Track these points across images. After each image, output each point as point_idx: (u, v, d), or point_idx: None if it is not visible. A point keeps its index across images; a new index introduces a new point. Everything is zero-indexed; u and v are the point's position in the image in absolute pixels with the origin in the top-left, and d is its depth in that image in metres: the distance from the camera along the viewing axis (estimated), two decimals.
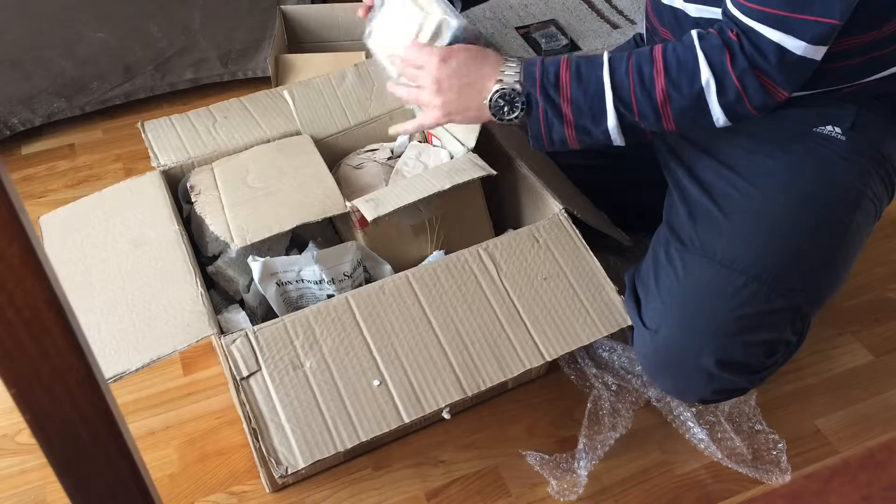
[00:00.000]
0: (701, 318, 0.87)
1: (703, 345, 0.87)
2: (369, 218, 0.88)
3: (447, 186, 0.91)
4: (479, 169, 0.94)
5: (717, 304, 0.87)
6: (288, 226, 0.88)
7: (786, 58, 0.78)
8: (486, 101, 0.85)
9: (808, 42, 0.77)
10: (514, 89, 0.84)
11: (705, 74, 0.80)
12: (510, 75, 0.85)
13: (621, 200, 1.12)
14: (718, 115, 0.83)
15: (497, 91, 0.84)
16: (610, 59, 0.84)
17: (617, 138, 0.86)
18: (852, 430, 1.03)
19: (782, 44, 0.77)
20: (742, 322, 0.86)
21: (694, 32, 0.82)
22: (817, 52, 0.78)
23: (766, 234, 0.88)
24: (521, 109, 0.85)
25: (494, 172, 0.94)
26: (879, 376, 1.10)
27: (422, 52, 0.87)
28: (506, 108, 0.85)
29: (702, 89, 0.81)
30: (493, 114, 0.86)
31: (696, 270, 0.89)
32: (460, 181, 0.92)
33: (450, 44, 0.88)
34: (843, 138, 0.91)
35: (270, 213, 0.90)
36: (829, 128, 0.91)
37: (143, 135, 1.05)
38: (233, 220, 0.90)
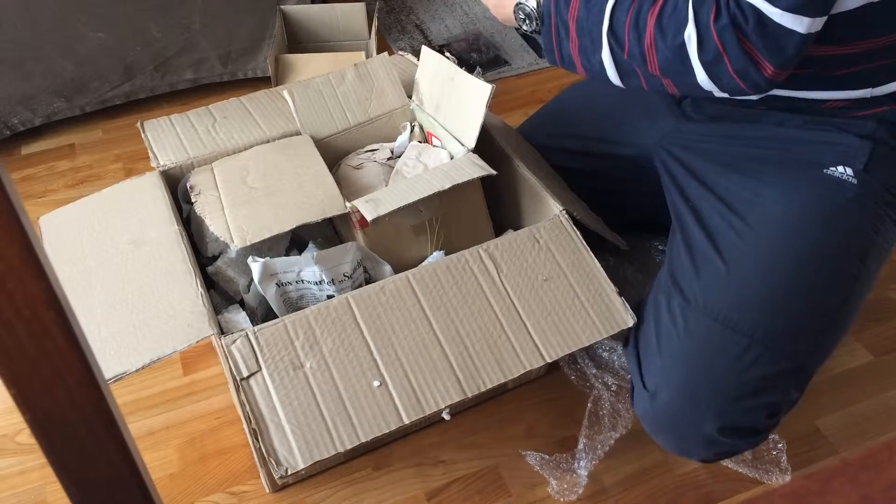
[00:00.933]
0: (703, 384, 0.84)
1: (705, 412, 0.84)
2: (369, 218, 0.88)
3: (447, 186, 0.91)
4: (479, 169, 0.94)
5: (720, 368, 0.83)
6: (288, 226, 0.88)
7: (763, 21, 0.74)
8: (512, 11, 0.94)
9: (783, 9, 0.73)
10: (530, 5, 0.91)
11: (690, 28, 0.77)
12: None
13: (620, 216, 1.11)
14: (701, 75, 0.79)
15: (518, 3, 0.92)
16: None
17: (612, 74, 0.85)
18: (852, 430, 1.03)
19: (759, 7, 0.74)
20: (745, 387, 0.83)
21: None
22: (797, 23, 0.74)
23: (770, 292, 0.84)
24: (537, 23, 0.92)
25: (494, 172, 0.94)
26: (879, 376, 1.10)
27: None
28: (525, 21, 0.93)
29: (683, 42, 0.78)
30: (518, 24, 0.94)
31: (698, 330, 0.85)
32: (460, 181, 0.92)
33: None
34: (855, 181, 0.87)
35: (270, 214, 0.90)
36: (841, 169, 0.88)
37: (142, 135, 1.05)
38: (232, 220, 0.90)
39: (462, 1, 1.95)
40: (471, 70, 1.00)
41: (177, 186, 1.02)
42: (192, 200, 0.95)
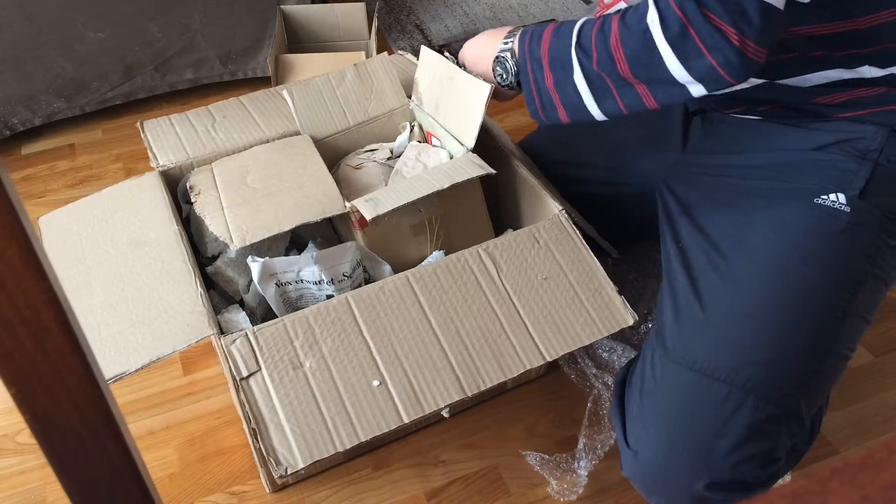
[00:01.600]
0: (685, 439, 0.79)
1: (691, 468, 0.79)
2: (368, 217, 0.88)
3: (446, 185, 0.91)
4: (478, 168, 0.94)
5: (701, 420, 0.79)
6: (287, 226, 0.88)
7: None
8: (489, 68, 0.95)
9: None
10: (506, 58, 0.93)
11: (651, 12, 0.76)
12: (505, 44, 0.93)
13: (621, 225, 1.11)
14: (671, 59, 0.76)
15: (495, 58, 0.94)
16: (588, 15, 0.86)
17: (587, 98, 0.84)
18: (852, 430, 1.03)
19: None
20: (729, 438, 0.77)
21: None
22: None
23: (749, 336, 0.80)
24: (514, 76, 0.92)
25: (494, 171, 0.94)
26: (879, 376, 1.10)
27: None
28: (503, 75, 0.94)
29: (647, 27, 0.76)
30: (497, 81, 0.95)
31: (676, 382, 0.81)
32: (459, 180, 0.92)
33: None
34: (848, 209, 0.83)
35: (270, 214, 0.90)
36: (833, 197, 0.84)
37: (142, 134, 1.05)
38: (232, 220, 0.90)
39: (462, 1, 1.95)
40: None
41: (176, 187, 1.02)
42: (192, 200, 0.95)
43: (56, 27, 1.44)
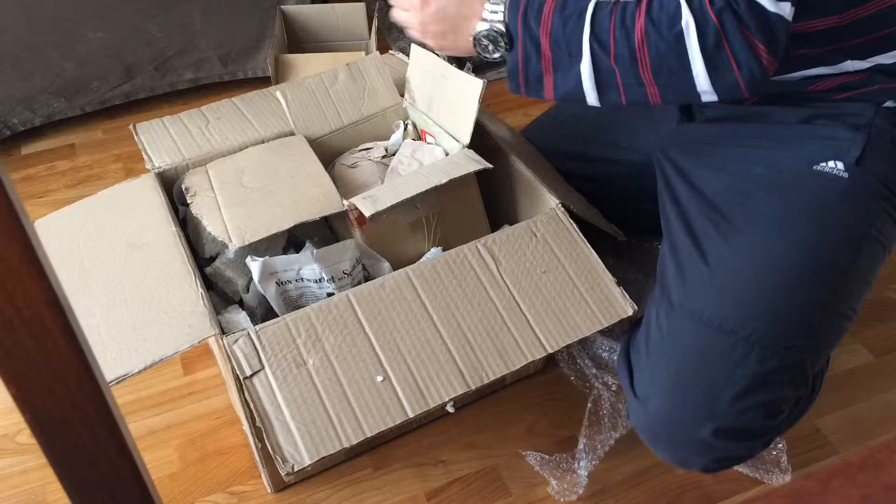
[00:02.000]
0: (693, 387, 0.82)
1: (697, 415, 0.82)
2: (367, 214, 0.88)
3: (444, 181, 0.91)
4: (475, 163, 0.94)
5: (708, 369, 0.81)
6: (286, 225, 0.88)
7: (753, 4, 0.74)
8: (471, 39, 0.87)
9: None
10: (496, 29, 0.86)
11: (686, 15, 0.75)
12: (494, 12, 0.86)
13: (621, 209, 1.11)
14: (698, 67, 0.76)
15: (481, 31, 0.86)
16: None
17: (589, 88, 0.82)
18: (852, 430, 1.03)
19: None
20: (736, 386, 0.80)
21: None
22: (781, 8, 0.73)
23: (754, 289, 0.83)
24: (505, 48, 0.86)
25: (490, 166, 0.94)
26: (879, 376, 1.10)
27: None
28: (490, 47, 0.87)
29: (681, 31, 0.76)
30: (478, 52, 0.88)
31: (684, 334, 0.84)
32: (457, 175, 0.92)
33: None
34: (846, 175, 0.85)
35: (268, 213, 0.90)
36: (832, 164, 0.86)
37: (135, 137, 1.05)
38: (230, 220, 0.90)
39: None
40: (461, 66, 0.99)
41: (172, 188, 1.02)
42: (188, 202, 0.95)
43: (56, 27, 1.44)
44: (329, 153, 1.07)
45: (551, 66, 0.84)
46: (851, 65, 0.86)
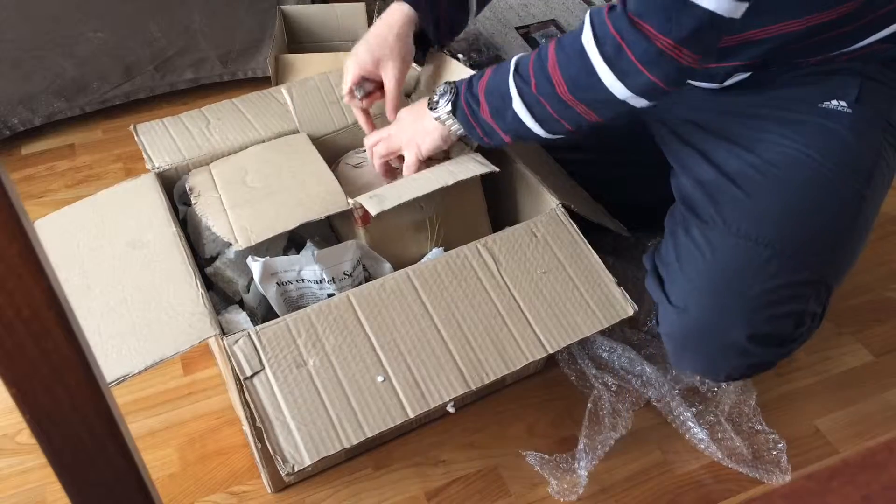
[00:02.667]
0: (730, 294, 0.88)
1: (735, 320, 0.87)
2: (373, 212, 0.88)
3: (450, 182, 0.91)
4: (481, 166, 0.94)
5: (746, 278, 0.87)
6: (291, 225, 0.88)
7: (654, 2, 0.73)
8: (435, 121, 0.92)
9: None
10: (448, 91, 0.91)
11: (587, 33, 0.78)
12: (440, 87, 0.92)
13: (620, 198, 1.12)
14: (607, 76, 0.78)
15: (437, 96, 0.91)
16: (525, 52, 0.87)
17: (532, 125, 0.86)
18: (852, 430, 1.03)
19: None
20: (771, 295, 0.87)
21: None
22: (717, 4, 0.72)
23: (786, 209, 0.89)
24: (452, 104, 0.90)
25: (497, 169, 0.95)
26: (879, 376, 1.10)
27: (376, 133, 0.98)
28: (444, 113, 0.91)
29: (582, 46, 0.78)
30: (448, 126, 0.92)
31: (722, 246, 0.89)
32: (463, 178, 0.92)
33: None
34: (850, 111, 0.91)
35: (272, 213, 0.90)
36: (835, 102, 0.92)
37: (136, 138, 1.05)
38: (235, 220, 0.90)
39: None
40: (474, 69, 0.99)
41: (173, 188, 1.02)
42: (192, 202, 0.95)
43: (56, 27, 1.44)
44: (333, 152, 1.07)
45: (491, 115, 0.88)
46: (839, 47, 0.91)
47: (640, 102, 0.80)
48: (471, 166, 0.94)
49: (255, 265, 0.87)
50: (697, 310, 0.89)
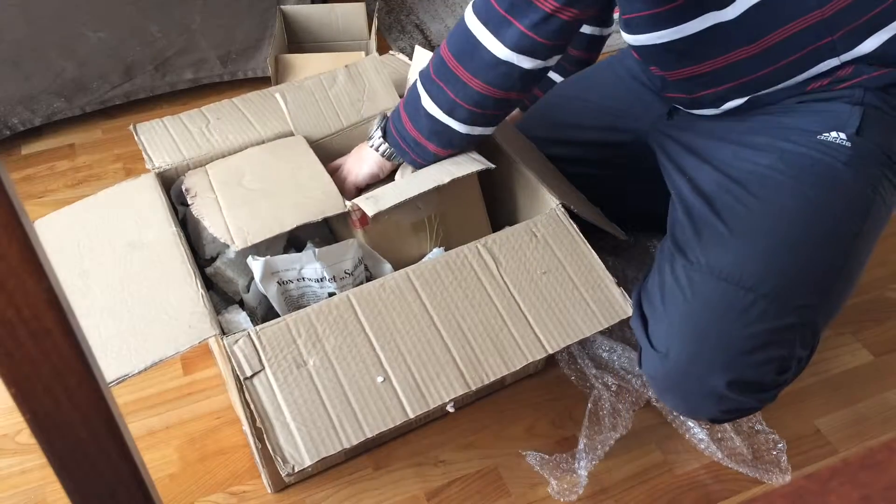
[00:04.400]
0: (711, 340, 0.85)
1: (714, 367, 0.85)
2: (370, 213, 0.88)
3: (446, 181, 0.91)
4: (477, 163, 0.94)
5: (727, 323, 0.85)
6: (288, 226, 0.88)
7: None
8: (370, 145, 0.98)
9: None
10: (380, 119, 0.99)
11: (469, 7, 0.84)
12: (375, 131, 0.98)
13: (620, 206, 1.12)
14: (484, 36, 0.83)
15: (374, 126, 0.99)
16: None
17: (443, 116, 0.90)
18: (852, 430, 1.03)
19: None
20: (753, 341, 0.84)
21: None
22: None
23: (773, 249, 0.86)
24: (382, 129, 0.97)
25: (492, 166, 0.95)
26: (879, 376, 1.10)
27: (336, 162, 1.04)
28: (382, 145, 0.97)
29: (462, 17, 0.85)
30: (382, 153, 0.98)
31: (704, 289, 0.87)
32: (459, 175, 0.92)
33: None
34: (849, 144, 0.88)
35: (269, 214, 0.90)
36: (834, 134, 0.89)
37: (136, 137, 1.05)
38: (232, 221, 0.90)
39: (462, 1, 1.95)
40: None
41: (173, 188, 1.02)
42: (189, 203, 0.95)
43: (56, 27, 1.44)
44: (329, 155, 1.07)
45: (411, 123, 0.93)
46: (838, 60, 0.89)
47: (524, 60, 0.83)
48: (467, 164, 0.94)
49: (256, 264, 0.87)
50: (677, 354, 0.87)
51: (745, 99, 0.94)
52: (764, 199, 0.89)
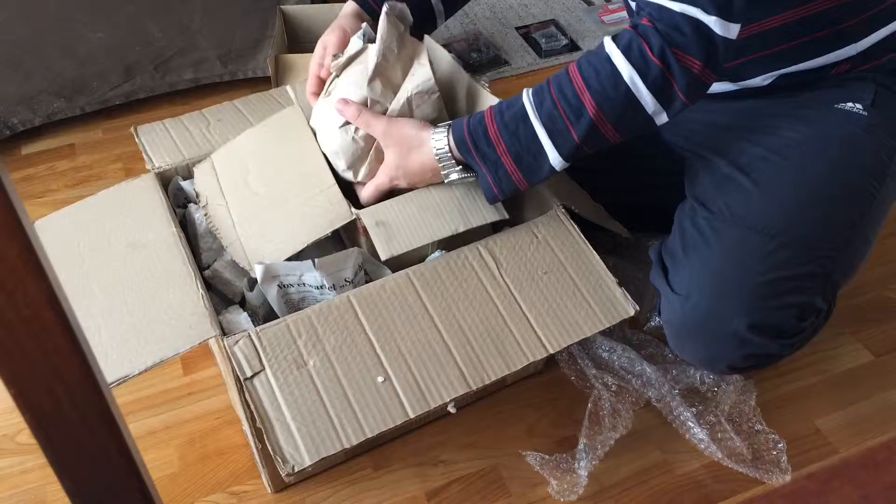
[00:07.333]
0: (733, 282, 0.88)
1: (736, 308, 0.88)
2: (383, 258, 0.87)
3: (461, 230, 0.90)
4: (493, 213, 0.92)
5: (749, 267, 0.88)
6: (300, 246, 0.89)
7: (700, 30, 0.76)
8: (434, 161, 0.88)
9: (716, 16, 0.76)
10: (447, 154, 0.87)
11: (626, 71, 0.78)
12: (439, 139, 0.87)
13: (622, 202, 1.12)
14: (649, 103, 0.80)
15: (444, 161, 0.87)
16: (532, 97, 0.84)
17: (564, 165, 0.86)
18: (852, 430, 1.03)
19: (689, 14, 0.76)
20: (774, 285, 0.87)
21: (606, 38, 0.82)
22: (729, 31, 0.77)
23: (796, 201, 0.90)
24: (460, 175, 0.88)
25: (507, 216, 0.93)
26: (879, 376, 1.10)
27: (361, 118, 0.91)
28: (456, 173, 0.88)
29: (628, 87, 0.79)
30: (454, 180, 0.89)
31: (727, 236, 0.90)
32: (475, 225, 0.90)
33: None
34: (866, 114, 0.92)
35: (281, 231, 0.91)
36: (850, 104, 0.93)
37: (136, 139, 1.05)
38: (246, 242, 0.91)
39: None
40: (471, 70, 0.98)
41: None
42: (202, 210, 0.96)
43: (56, 27, 1.44)
44: None
45: (522, 173, 0.86)
46: (854, 48, 0.93)
47: (663, 120, 0.83)
48: (483, 212, 0.92)
49: (258, 267, 0.87)
50: (699, 296, 0.90)
51: (771, 81, 0.96)
52: (788, 156, 0.92)
